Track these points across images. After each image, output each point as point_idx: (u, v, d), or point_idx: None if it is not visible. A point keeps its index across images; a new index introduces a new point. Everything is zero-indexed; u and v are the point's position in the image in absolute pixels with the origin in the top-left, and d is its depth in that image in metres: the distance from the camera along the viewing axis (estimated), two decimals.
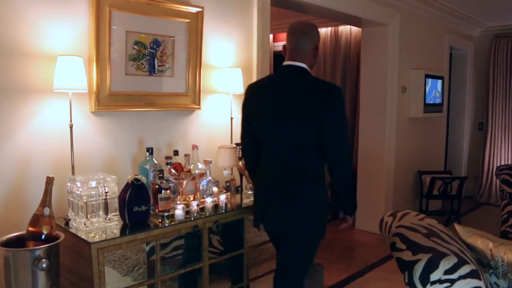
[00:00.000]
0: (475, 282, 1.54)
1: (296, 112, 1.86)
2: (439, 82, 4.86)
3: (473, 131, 5.96)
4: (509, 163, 5.48)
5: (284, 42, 2.04)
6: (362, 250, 3.88)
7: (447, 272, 1.55)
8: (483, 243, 1.79)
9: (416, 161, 4.81)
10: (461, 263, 1.56)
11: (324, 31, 5.35)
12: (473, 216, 5.11)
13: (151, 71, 2.27)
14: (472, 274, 1.55)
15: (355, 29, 5.00)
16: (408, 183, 4.71)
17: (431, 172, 4.74)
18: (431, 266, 1.57)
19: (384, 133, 4.21)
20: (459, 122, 5.88)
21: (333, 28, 5.25)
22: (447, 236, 1.78)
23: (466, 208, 5.33)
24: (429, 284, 1.57)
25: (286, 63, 1.95)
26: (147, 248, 2.30)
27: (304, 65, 1.91)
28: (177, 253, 2.40)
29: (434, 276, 1.56)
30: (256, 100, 1.98)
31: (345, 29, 5.16)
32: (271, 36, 6.01)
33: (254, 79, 2.81)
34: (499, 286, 1.72)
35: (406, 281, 1.65)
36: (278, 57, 6.31)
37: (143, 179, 1.89)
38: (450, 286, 1.54)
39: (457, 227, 1.94)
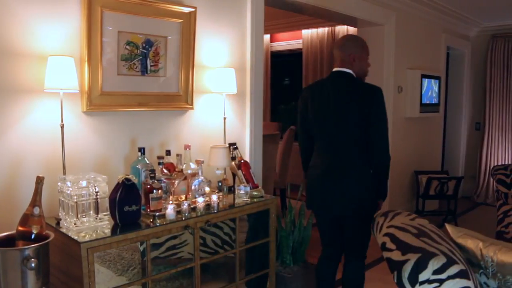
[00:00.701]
0: (464, 282, 1.54)
1: (344, 110, 2.20)
2: (436, 82, 4.87)
3: (470, 131, 5.96)
4: (506, 163, 5.48)
5: (280, 43, 2.20)
6: None
7: (435, 272, 1.55)
8: (473, 243, 1.79)
9: (413, 161, 4.81)
10: (450, 263, 1.56)
11: (321, 31, 5.36)
12: (470, 216, 5.11)
13: (144, 71, 2.27)
14: (461, 274, 1.55)
15: (352, 29, 5.01)
16: (404, 183, 4.71)
17: (427, 172, 4.74)
18: (419, 266, 1.57)
19: None
20: (457, 122, 5.88)
21: (330, 28, 5.26)
22: (437, 236, 1.78)
23: (463, 208, 5.33)
24: (418, 284, 1.57)
25: (334, 69, 2.31)
26: (141, 248, 2.30)
27: (349, 71, 2.24)
28: (171, 252, 2.41)
29: (422, 276, 1.56)
30: (310, 100, 2.31)
31: (342, 29, 5.17)
32: (268, 36, 6.02)
33: (248, 79, 2.82)
34: (489, 286, 1.72)
35: (395, 281, 1.65)
36: (276, 57, 6.30)
37: (134, 179, 1.89)
38: (439, 286, 1.54)
39: (448, 227, 1.94)
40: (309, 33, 5.56)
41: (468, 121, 5.93)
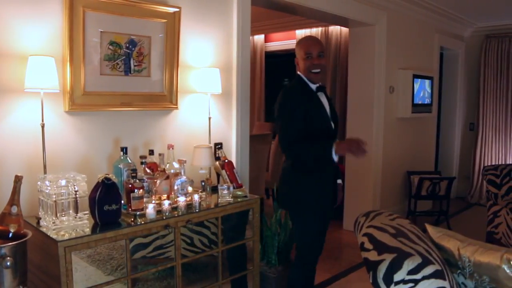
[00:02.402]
0: (439, 282, 1.55)
1: None
2: (428, 82, 4.86)
3: (464, 132, 5.95)
4: (499, 163, 5.47)
5: (275, 43, 2.37)
6: (348, 251, 3.89)
7: (410, 272, 1.55)
8: (451, 243, 1.80)
9: (405, 161, 4.81)
10: (425, 263, 1.56)
11: (315, 31, 5.36)
12: (462, 217, 5.11)
13: (127, 71, 2.28)
14: (436, 274, 1.55)
15: (345, 29, 5.00)
16: (396, 183, 4.71)
17: (419, 173, 4.74)
18: (394, 267, 1.57)
19: (371, 133, 4.21)
20: (451, 122, 5.87)
21: (324, 28, 5.26)
22: (415, 236, 1.78)
23: (456, 209, 5.33)
24: (393, 285, 1.57)
25: None
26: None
27: (298, 73, 2.35)
28: (159, 252, 2.42)
29: (397, 277, 1.56)
30: None
31: (335, 29, 5.17)
32: (263, 36, 6.03)
33: (234, 79, 2.82)
34: (466, 286, 1.73)
35: (371, 281, 1.66)
36: (270, 57, 6.30)
37: (114, 178, 1.89)
38: (414, 286, 1.54)
39: (428, 227, 1.95)
40: (302, 33, 5.56)
41: (462, 121, 5.93)
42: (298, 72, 2.35)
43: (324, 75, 2.37)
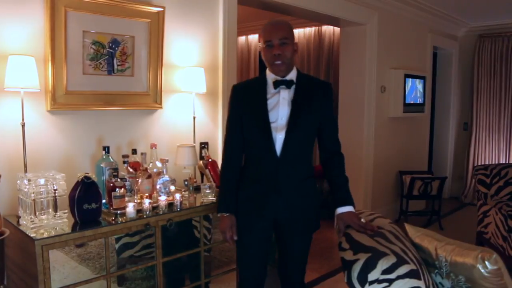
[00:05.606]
0: (414, 282, 1.55)
1: None
2: (421, 82, 4.86)
3: (458, 131, 5.94)
4: (493, 163, 5.47)
5: None
6: (338, 251, 3.88)
7: (385, 272, 1.55)
8: (429, 242, 1.80)
9: (397, 161, 4.80)
10: (400, 263, 1.57)
11: (308, 31, 5.36)
12: (455, 217, 5.10)
13: (110, 70, 2.28)
14: (411, 274, 1.56)
15: (338, 29, 5.00)
16: (388, 183, 4.71)
17: (411, 172, 4.74)
18: (368, 266, 1.58)
19: (362, 132, 4.21)
20: (444, 122, 5.87)
21: (317, 28, 5.26)
22: (392, 236, 1.78)
23: (450, 209, 5.33)
24: (367, 284, 1.58)
25: None
26: (116, 246, 2.32)
27: None
28: (146, 252, 2.43)
29: (372, 276, 1.57)
30: None
31: (329, 29, 5.17)
32: (256, 36, 6.03)
33: (220, 78, 2.83)
34: (444, 286, 1.73)
35: (346, 280, 1.67)
36: None
37: (94, 177, 1.90)
38: (388, 286, 1.54)
39: (407, 226, 1.95)
40: (296, 33, 5.56)
41: (456, 121, 5.92)
42: None
43: (289, 66, 1.89)
